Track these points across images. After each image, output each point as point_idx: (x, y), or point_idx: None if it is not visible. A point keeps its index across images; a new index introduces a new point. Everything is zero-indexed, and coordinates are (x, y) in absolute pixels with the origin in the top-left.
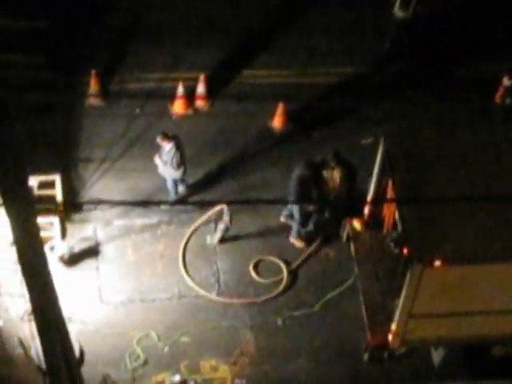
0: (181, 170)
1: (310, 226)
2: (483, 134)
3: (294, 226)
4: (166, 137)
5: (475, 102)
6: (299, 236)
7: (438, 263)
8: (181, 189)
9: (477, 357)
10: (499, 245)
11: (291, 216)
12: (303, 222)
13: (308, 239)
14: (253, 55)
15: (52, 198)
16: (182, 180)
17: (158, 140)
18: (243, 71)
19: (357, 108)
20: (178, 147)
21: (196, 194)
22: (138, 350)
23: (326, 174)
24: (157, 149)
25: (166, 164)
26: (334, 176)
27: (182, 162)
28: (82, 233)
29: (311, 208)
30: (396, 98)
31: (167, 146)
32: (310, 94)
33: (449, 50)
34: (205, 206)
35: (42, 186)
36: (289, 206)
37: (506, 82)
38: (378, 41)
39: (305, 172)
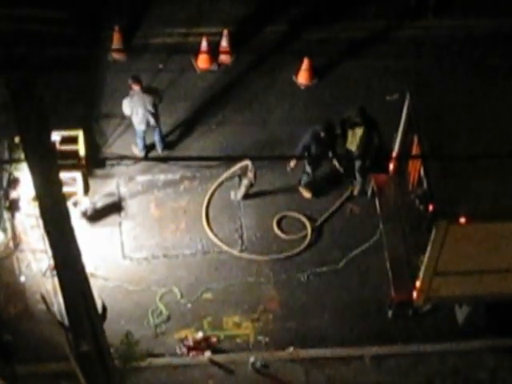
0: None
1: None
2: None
3: (304, 176)
4: (137, 80)
5: (500, 60)
6: (307, 186)
7: (463, 220)
8: (159, 148)
9: (501, 314)
10: None
11: (310, 183)
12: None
13: (315, 190)
14: (277, 9)
15: (75, 153)
16: (163, 138)
17: (129, 82)
18: (267, 26)
19: (382, 63)
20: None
21: (220, 150)
22: (161, 307)
23: (348, 128)
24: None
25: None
26: (356, 131)
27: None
28: (104, 188)
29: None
30: (421, 53)
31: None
32: (335, 48)
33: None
34: (229, 161)
35: (65, 141)
36: (307, 174)
37: None
38: None
39: (322, 133)
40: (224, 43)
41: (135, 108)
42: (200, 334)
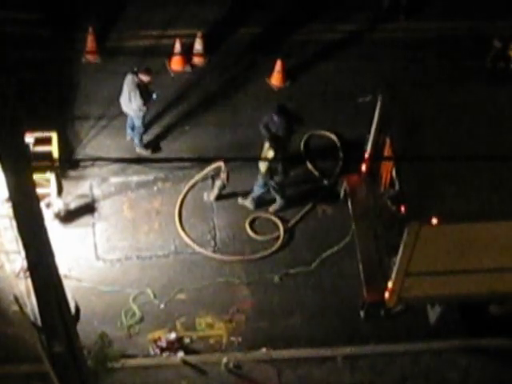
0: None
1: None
2: (481, 93)
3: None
4: (144, 71)
5: (470, 62)
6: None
7: (434, 221)
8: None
9: (473, 315)
10: (496, 203)
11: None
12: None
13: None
14: (250, 12)
15: (48, 155)
16: (138, 139)
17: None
18: (240, 28)
19: (355, 65)
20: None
21: (193, 151)
22: (134, 308)
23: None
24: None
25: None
26: (267, 153)
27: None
28: (78, 190)
29: None
30: (394, 55)
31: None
32: (307, 50)
33: (448, 9)
34: (202, 162)
35: (39, 142)
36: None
37: (496, 44)
38: None
39: (275, 116)
40: (197, 45)
41: (124, 86)
42: (173, 335)
